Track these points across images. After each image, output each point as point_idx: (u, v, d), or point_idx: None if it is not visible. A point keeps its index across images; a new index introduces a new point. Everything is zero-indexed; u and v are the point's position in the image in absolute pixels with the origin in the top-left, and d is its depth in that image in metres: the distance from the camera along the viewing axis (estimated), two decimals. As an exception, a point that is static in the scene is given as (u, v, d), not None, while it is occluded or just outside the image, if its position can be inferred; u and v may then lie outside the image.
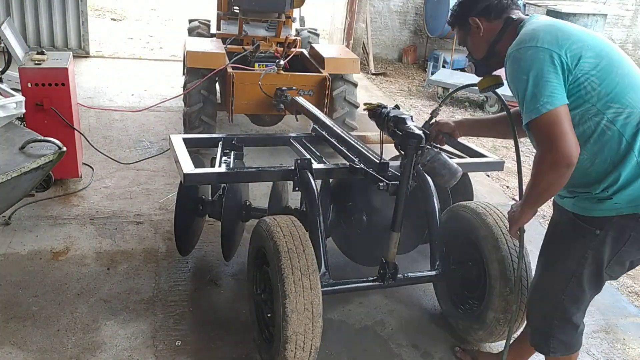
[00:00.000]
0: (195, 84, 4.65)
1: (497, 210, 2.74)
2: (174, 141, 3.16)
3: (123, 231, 3.63)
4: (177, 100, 5.46)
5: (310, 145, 3.41)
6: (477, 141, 6.12)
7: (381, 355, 2.76)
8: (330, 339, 2.79)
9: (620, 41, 10.84)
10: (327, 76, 4.88)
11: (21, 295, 2.92)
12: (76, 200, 3.97)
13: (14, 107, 3.15)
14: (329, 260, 2.65)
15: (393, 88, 8.50)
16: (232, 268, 3.34)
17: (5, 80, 4.22)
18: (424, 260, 3.01)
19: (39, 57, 3.81)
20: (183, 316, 2.89)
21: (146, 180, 4.38)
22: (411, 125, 2.50)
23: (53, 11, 7.63)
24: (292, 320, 2.23)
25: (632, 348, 3.02)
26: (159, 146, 5.05)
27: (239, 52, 5.14)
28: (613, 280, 3.68)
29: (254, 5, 5.28)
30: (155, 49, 9.21)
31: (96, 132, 5.20)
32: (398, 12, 10.17)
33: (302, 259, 2.30)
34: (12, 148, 2.88)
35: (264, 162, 4.43)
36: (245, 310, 2.90)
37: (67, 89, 3.79)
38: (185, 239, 3.28)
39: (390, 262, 2.65)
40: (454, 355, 2.80)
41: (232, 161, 3.15)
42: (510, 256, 2.58)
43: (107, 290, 3.04)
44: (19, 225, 3.56)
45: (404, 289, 3.25)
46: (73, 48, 7.81)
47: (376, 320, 3.01)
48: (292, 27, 6.28)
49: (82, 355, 2.58)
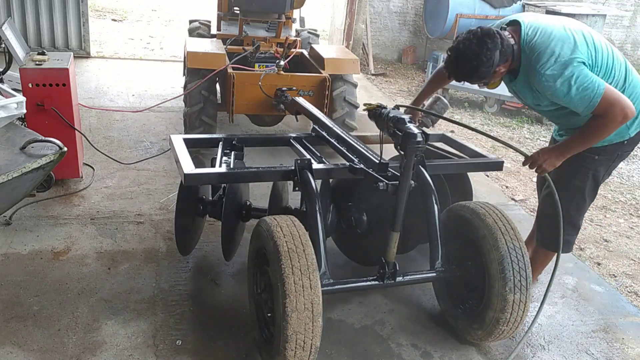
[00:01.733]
0: (195, 84, 4.66)
1: (496, 210, 2.74)
2: (174, 141, 3.17)
3: (124, 231, 3.64)
4: (177, 100, 5.47)
5: (310, 146, 3.42)
6: (477, 141, 6.14)
7: (381, 355, 2.77)
8: (330, 339, 2.80)
9: (619, 42, 10.85)
10: (327, 77, 4.89)
11: (22, 295, 2.93)
12: (77, 200, 3.98)
13: (15, 107, 3.16)
14: (329, 260, 2.66)
15: (393, 88, 8.51)
16: (232, 268, 3.35)
17: (6, 81, 4.23)
18: (424, 260, 3.02)
19: (40, 57, 3.82)
20: (183, 316, 2.90)
21: (147, 180, 4.39)
22: (411, 126, 2.51)
23: (54, 12, 7.64)
24: (292, 320, 2.24)
25: (631, 347, 3.03)
26: (159, 146, 5.06)
27: (239, 53, 5.14)
28: (612, 280, 3.70)
29: (254, 6, 5.28)
30: (156, 49, 9.22)
31: (97, 133, 5.22)
32: (397, 13, 10.18)
33: (302, 258, 2.31)
34: (13, 148, 2.89)
35: (264, 162, 4.44)
36: (245, 310, 2.91)
37: (67, 90, 3.80)
38: (185, 239, 3.29)
39: (390, 261, 2.66)
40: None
41: (233, 161, 3.16)
42: (510, 256, 2.59)
43: (108, 290, 3.04)
44: (20, 225, 3.57)
45: (404, 289, 3.26)
46: (74, 48, 7.82)
47: (376, 319, 3.02)
48: (292, 28, 6.28)
49: (83, 354, 2.59)
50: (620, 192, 5.22)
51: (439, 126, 6.79)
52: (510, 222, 2.70)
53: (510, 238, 2.62)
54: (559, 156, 2.72)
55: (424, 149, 2.57)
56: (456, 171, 3.41)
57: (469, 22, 9.07)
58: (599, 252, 4.08)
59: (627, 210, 4.86)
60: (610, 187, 5.31)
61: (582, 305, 3.35)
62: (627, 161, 5.90)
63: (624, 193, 5.22)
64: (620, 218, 4.70)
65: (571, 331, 3.11)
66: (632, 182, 5.50)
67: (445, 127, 6.73)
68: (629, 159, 5.94)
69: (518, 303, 2.59)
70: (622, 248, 4.18)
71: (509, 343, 2.93)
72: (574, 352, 2.94)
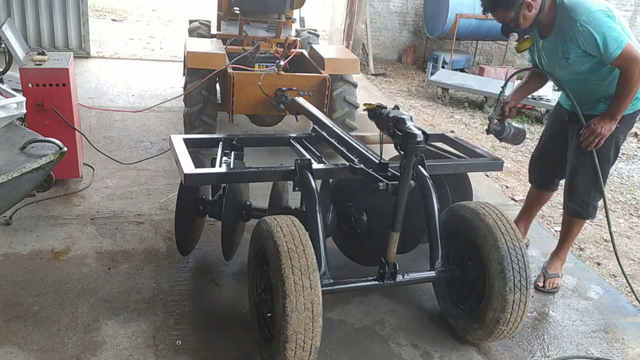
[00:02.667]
0: (195, 84, 4.66)
1: (496, 210, 2.74)
2: (174, 141, 3.17)
3: (124, 231, 3.64)
4: (177, 100, 5.47)
5: (310, 146, 3.42)
6: (476, 141, 6.14)
7: (381, 355, 2.77)
8: (330, 339, 2.80)
9: (619, 42, 10.87)
10: (327, 77, 4.89)
11: (22, 295, 2.93)
12: (77, 200, 3.98)
13: (15, 107, 3.15)
14: (329, 260, 2.66)
15: (393, 88, 8.51)
16: (232, 268, 3.35)
17: (6, 81, 4.23)
18: (424, 260, 3.02)
19: (40, 57, 3.82)
20: (183, 316, 2.90)
21: (147, 180, 4.39)
22: (411, 126, 2.51)
23: (54, 12, 7.65)
24: (292, 320, 2.24)
25: (631, 347, 3.03)
26: (159, 146, 5.06)
27: (239, 53, 5.15)
28: (612, 280, 3.70)
29: (254, 6, 5.29)
30: (156, 49, 9.23)
31: (97, 133, 5.22)
32: (397, 13, 10.18)
33: (302, 258, 2.31)
34: (13, 148, 2.89)
35: (264, 162, 4.44)
36: (245, 310, 2.91)
37: (67, 90, 3.80)
38: (185, 239, 3.29)
39: (389, 261, 2.66)
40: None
41: (233, 161, 3.16)
42: (510, 256, 2.59)
43: (108, 290, 3.04)
44: (19, 225, 3.57)
45: (404, 289, 3.26)
46: (74, 48, 7.83)
47: (376, 319, 3.02)
48: (292, 28, 6.28)
49: (83, 354, 2.59)
50: (620, 192, 5.22)
51: (439, 126, 6.79)
52: (510, 222, 2.70)
53: (510, 238, 2.62)
54: (612, 120, 2.99)
55: (424, 149, 2.57)
56: (456, 171, 3.41)
57: (469, 22, 9.07)
58: (599, 252, 4.08)
59: (627, 210, 4.86)
60: (610, 187, 5.31)
61: (582, 305, 3.35)
62: (627, 161, 5.91)
63: (624, 193, 5.22)
64: (620, 218, 4.70)
65: (571, 331, 3.11)
66: (632, 182, 5.50)
67: (445, 127, 6.73)
68: (629, 159, 5.94)
69: (518, 303, 2.59)
70: (622, 248, 4.18)
71: (509, 343, 2.94)
72: (574, 352, 2.94)
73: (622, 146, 3.25)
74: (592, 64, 2.95)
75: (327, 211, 3.14)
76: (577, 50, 2.92)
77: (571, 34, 2.88)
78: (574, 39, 2.88)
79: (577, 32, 2.85)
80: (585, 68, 2.98)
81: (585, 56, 2.93)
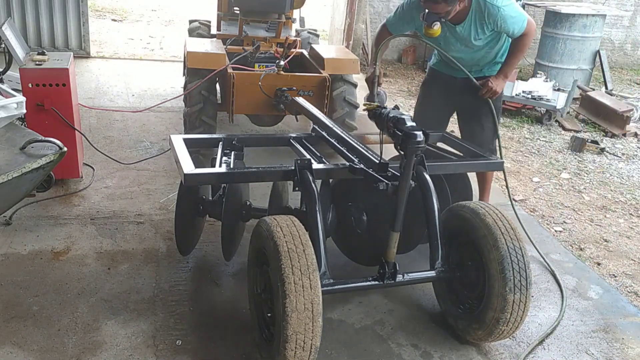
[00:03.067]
0: (195, 84, 4.65)
1: (496, 210, 2.74)
2: (174, 141, 3.17)
3: (124, 231, 3.64)
4: (177, 100, 5.47)
5: (310, 146, 3.42)
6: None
7: (381, 355, 2.77)
8: (330, 339, 2.80)
9: (619, 42, 10.84)
10: (327, 77, 4.88)
11: (22, 295, 2.94)
12: (77, 200, 3.98)
13: (15, 107, 3.15)
14: (329, 260, 2.66)
15: (393, 88, 8.51)
16: (232, 268, 3.35)
17: (6, 81, 4.23)
18: (424, 260, 3.02)
19: (40, 57, 3.82)
20: (183, 316, 2.90)
21: (147, 180, 4.39)
22: (411, 126, 2.51)
23: (54, 12, 7.64)
24: (292, 320, 2.24)
25: (631, 347, 3.03)
26: (159, 146, 5.06)
27: (239, 53, 5.14)
28: (612, 280, 3.70)
29: (254, 6, 5.28)
30: (156, 49, 9.22)
31: (97, 133, 5.22)
32: (398, 13, 10.17)
33: (302, 258, 2.31)
34: (13, 148, 2.89)
35: (264, 162, 4.43)
36: (245, 310, 2.91)
37: (67, 90, 3.80)
38: (185, 239, 3.29)
39: (389, 261, 2.66)
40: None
41: (233, 161, 3.16)
42: (510, 256, 2.59)
43: (108, 290, 3.04)
44: (19, 225, 3.57)
45: (404, 289, 3.26)
46: (74, 48, 7.82)
47: (376, 319, 3.02)
48: (292, 28, 6.28)
49: (83, 354, 2.59)
50: (620, 192, 5.22)
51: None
52: (510, 222, 2.70)
53: (510, 238, 2.62)
54: (505, 78, 3.59)
55: (424, 149, 2.57)
56: (456, 171, 3.41)
57: (469, 22, 9.06)
58: (599, 252, 4.08)
59: (627, 210, 4.85)
60: (610, 187, 5.31)
61: (582, 305, 3.35)
62: (627, 161, 5.90)
63: (624, 193, 5.22)
64: (620, 218, 4.70)
65: (571, 331, 3.11)
66: (632, 182, 5.50)
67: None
68: (629, 159, 5.94)
69: (518, 303, 2.59)
70: (622, 248, 4.18)
71: (509, 343, 2.94)
72: (574, 352, 2.94)
73: (621, 146, 3.42)
74: (491, 41, 3.49)
75: (327, 211, 3.14)
76: (490, 32, 3.41)
77: (491, 19, 3.32)
78: (493, 22, 3.34)
79: (497, 17, 3.30)
80: (483, 44, 3.49)
81: (495, 35, 3.45)
